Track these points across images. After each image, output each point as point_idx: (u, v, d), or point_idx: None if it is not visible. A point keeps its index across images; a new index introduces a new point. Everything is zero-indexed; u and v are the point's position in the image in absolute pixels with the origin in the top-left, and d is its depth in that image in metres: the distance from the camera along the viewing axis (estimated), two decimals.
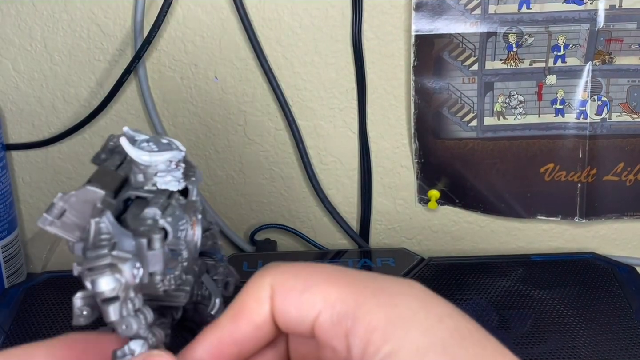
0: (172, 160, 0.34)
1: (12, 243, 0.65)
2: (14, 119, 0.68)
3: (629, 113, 0.66)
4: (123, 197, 0.34)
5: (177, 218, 0.33)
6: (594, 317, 0.57)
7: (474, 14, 0.63)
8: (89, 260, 0.30)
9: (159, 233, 0.31)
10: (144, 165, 0.34)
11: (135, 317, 0.31)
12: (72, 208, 0.32)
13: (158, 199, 0.33)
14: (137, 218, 0.32)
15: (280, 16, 0.65)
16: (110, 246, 0.30)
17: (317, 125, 0.68)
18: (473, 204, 0.69)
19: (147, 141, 0.34)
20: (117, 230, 0.31)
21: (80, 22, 0.65)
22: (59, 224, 0.31)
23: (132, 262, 0.30)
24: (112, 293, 0.29)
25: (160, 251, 0.31)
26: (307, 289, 0.29)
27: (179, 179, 0.34)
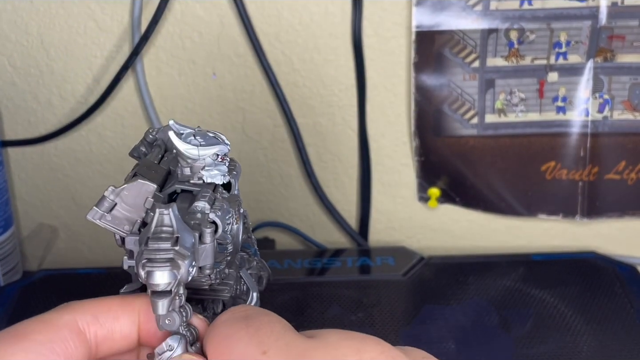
0: (219, 154, 0.34)
1: (8, 241, 0.64)
2: (10, 115, 0.68)
3: (631, 111, 0.65)
4: (169, 191, 0.34)
5: (225, 212, 0.33)
6: (595, 317, 0.57)
7: (475, 10, 0.63)
8: (149, 251, 0.29)
9: (210, 227, 0.31)
10: (192, 159, 0.34)
11: (179, 313, 0.31)
12: (123, 201, 0.32)
13: (205, 193, 0.33)
14: (186, 212, 0.32)
15: (279, 12, 0.64)
16: (173, 240, 0.30)
17: (316, 123, 0.68)
18: (473, 202, 0.68)
19: (194, 135, 0.35)
20: (179, 225, 0.30)
21: (77, 18, 0.65)
22: (109, 217, 0.31)
23: (190, 260, 0.30)
24: (166, 287, 0.29)
25: (212, 245, 0.31)
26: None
27: (224, 172, 0.35)
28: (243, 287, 0.38)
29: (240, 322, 0.30)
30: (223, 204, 0.33)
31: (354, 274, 0.63)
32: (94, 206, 0.31)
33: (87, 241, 0.72)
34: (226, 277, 0.35)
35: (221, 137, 0.35)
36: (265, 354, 0.28)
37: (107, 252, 0.70)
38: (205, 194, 0.33)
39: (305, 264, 0.64)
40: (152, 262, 0.29)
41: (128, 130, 0.68)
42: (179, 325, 0.31)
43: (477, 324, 0.56)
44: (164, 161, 0.35)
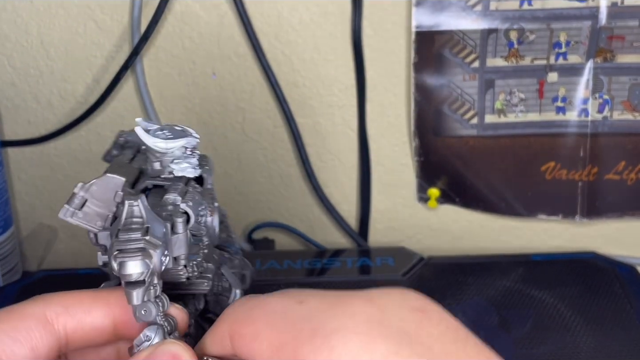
0: (187, 146, 0.34)
1: (8, 241, 0.64)
2: (9, 115, 0.68)
3: (631, 111, 0.65)
4: (141, 187, 0.34)
5: (197, 203, 0.33)
6: (595, 317, 0.57)
7: (475, 10, 0.63)
8: (120, 242, 0.29)
9: (182, 217, 0.31)
10: (160, 153, 0.34)
11: (155, 303, 0.31)
12: (93, 197, 0.32)
13: (176, 186, 0.33)
14: (158, 205, 0.32)
15: (279, 12, 0.64)
16: (143, 230, 0.30)
17: (316, 123, 0.68)
18: (473, 202, 0.68)
19: (162, 129, 0.35)
20: (149, 216, 0.30)
21: (76, 18, 0.64)
22: (80, 214, 0.32)
23: (162, 249, 0.30)
24: (139, 277, 0.29)
25: (184, 235, 0.31)
26: (255, 337, 0.29)
27: (194, 165, 0.34)
28: (225, 284, 0.38)
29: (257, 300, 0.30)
30: (195, 195, 0.33)
31: (354, 275, 0.63)
32: (65, 204, 0.31)
33: (87, 241, 0.71)
34: (205, 271, 0.35)
35: (189, 131, 0.35)
36: (301, 303, 0.29)
37: None
38: (176, 187, 0.33)
39: (305, 264, 0.64)
40: (124, 253, 0.29)
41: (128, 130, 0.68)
42: (156, 316, 0.31)
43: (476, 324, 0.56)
44: (136, 160, 0.36)
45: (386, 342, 0.27)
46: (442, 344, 0.27)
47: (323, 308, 0.28)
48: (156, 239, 0.30)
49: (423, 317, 0.28)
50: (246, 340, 0.29)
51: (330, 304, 0.28)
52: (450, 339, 0.28)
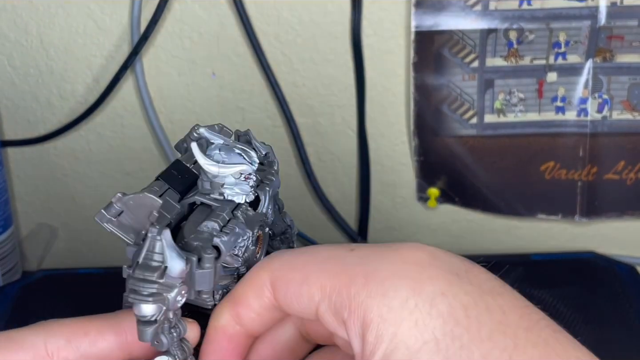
0: (242, 173, 0.33)
1: (7, 241, 0.64)
2: (9, 115, 0.68)
3: (630, 111, 0.65)
4: (189, 201, 0.33)
5: (237, 235, 0.32)
6: (594, 317, 0.57)
7: (475, 10, 0.63)
8: (134, 282, 0.29)
9: (211, 253, 0.31)
10: (212, 175, 0.33)
11: (168, 335, 0.30)
12: (129, 210, 0.31)
13: (222, 211, 0.32)
14: (195, 229, 0.32)
15: (278, 12, 0.64)
16: (160, 272, 0.29)
17: (316, 123, 0.68)
18: (473, 202, 0.68)
19: (220, 149, 0.34)
20: (171, 252, 0.30)
21: (76, 18, 0.64)
22: (116, 222, 0.31)
23: (178, 290, 0.29)
24: (151, 318, 0.29)
25: (210, 271, 0.31)
26: (304, 280, 0.29)
27: (247, 192, 0.34)
28: None
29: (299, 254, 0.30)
30: (236, 226, 0.32)
31: None
32: (102, 209, 0.31)
33: (87, 241, 0.72)
34: None
35: (249, 155, 0.34)
36: (352, 250, 0.29)
37: (107, 252, 0.70)
38: (219, 213, 0.32)
39: None
40: (137, 294, 0.29)
41: (127, 130, 0.68)
42: (169, 346, 0.30)
43: None
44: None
45: (434, 283, 0.27)
46: (490, 284, 0.28)
47: (375, 254, 0.29)
48: (173, 279, 0.29)
49: (471, 265, 0.29)
50: (293, 285, 0.29)
51: (382, 251, 0.29)
52: (498, 282, 0.29)
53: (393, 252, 0.29)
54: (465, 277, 0.28)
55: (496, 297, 0.27)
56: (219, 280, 0.32)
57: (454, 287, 0.27)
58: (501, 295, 0.28)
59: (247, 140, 0.38)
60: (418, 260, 0.28)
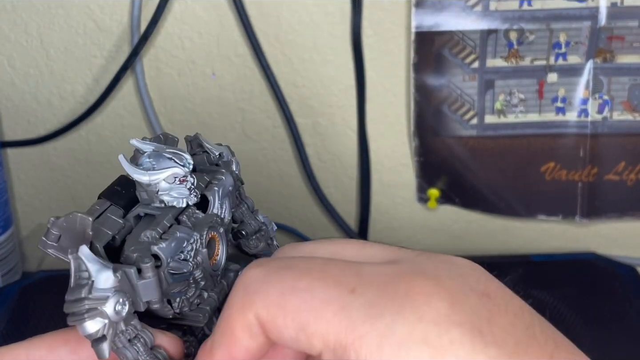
0: (175, 176, 0.32)
1: (7, 241, 0.64)
2: (9, 115, 0.67)
3: (630, 112, 0.65)
4: (133, 214, 0.33)
5: (180, 240, 0.31)
6: (595, 317, 0.57)
7: (475, 10, 0.63)
8: (68, 305, 0.29)
9: (149, 262, 0.30)
10: (145, 184, 0.32)
11: (130, 348, 0.30)
12: (66, 232, 0.31)
13: (163, 218, 0.32)
14: (136, 240, 0.31)
15: (278, 12, 0.64)
16: (88, 288, 0.29)
17: (316, 123, 0.67)
18: (473, 202, 0.68)
19: (149, 156, 0.33)
20: (93, 264, 0.29)
21: (76, 18, 0.64)
22: (57, 247, 0.31)
23: (114, 299, 0.29)
24: (98, 335, 0.29)
25: (152, 281, 0.30)
26: (300, 329, 0.26)
27: (184, 195, 0.33)
28: None
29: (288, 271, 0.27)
30: (177, 231, 0.32)
31: None
32: (43, 236, 0.31)
33: None
34: (203, 302, 0.33)
35: (181, 157, 0.33)
36: (354, 292, 0.25)
37: None
38: (159, 221, 0.32)
39: None
40: (74, 316, 0.29)
41: (127, 130, 0.68)
42: (136, 358, 0.30)
43: None
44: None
45: (456, 350, 0.24)
46: (514, 337, 0.25)
47: (384, 304, 0.25)
48: (103, 290, 0.29)
49: (491, 304, 0.25)
50: (288, 332, 0.26)
51: (391, 298, 0.25)
52: (521, 328, 0.25)
53: (405, 301, 0.25)
54: (488, 334, 0.25)
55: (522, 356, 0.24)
56: (170, 288, 0.31)
57: (479, 355, 0.24)
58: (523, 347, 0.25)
59: (199, 143, 0.37)
60: (436, 317, 0.24)
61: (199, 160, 0.36)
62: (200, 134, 0.37)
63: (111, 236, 0.31)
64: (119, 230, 0.32)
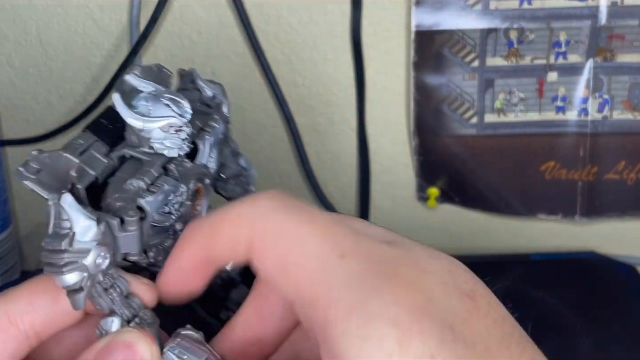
0: (171, 125, 0.31)
1: (6, 240, 0.64)
2: (8, 114, 0.67)
3: (631, 111, 0.65)
4: (119, 154, 0.31)
5: (166, 193, 0.30)
6: (595, 317, 0.57)
7: (475, 9, 0.63)
8: (46, 254, 0.28)
9: (134, 216, 0.29)
10: (137, 128, 0.31)
11: (105, 297, 0.29)
12: (47, 169, 0.29)
13: (150, 166, 0.30)
14: (121, 187, 0.30)
15: (278, 12, 0.64)
16: (68, 239, 0.27)
17: (315, 122, 0.67)
18: (473, 202, 0.68)
19: (146, 99, 0.31)
20: (77, 215, 0.28)
21: (75, 17, 0.64)
22: (35, 179, 0.29)
23: (95, 252, 0.28)
24: (75, 286, 0.28)
25: (135, 234, 0.29)
26: (281, 270, 0.26)
27: (179, 145, 0.31)
28: None
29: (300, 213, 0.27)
30: (165, 183, 0.30)
31: None
32: (20, 166, 0.29)
33: None
34: None
35: (179, 105, 0.31)
36: (343, 257, 0.25)
37: None
38: (147, 169, 0.30)
39: None
40: (51, 267, 0.27)
41: None
42: (110, 307, 0.29)
43: None
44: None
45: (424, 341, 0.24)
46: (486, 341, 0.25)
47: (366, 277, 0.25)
48: (85, 243, 0.27)
49: (472, 306, 0.25)
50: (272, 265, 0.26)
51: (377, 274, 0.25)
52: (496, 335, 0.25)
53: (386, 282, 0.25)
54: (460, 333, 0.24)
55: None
56: (148, 239, 0.30)
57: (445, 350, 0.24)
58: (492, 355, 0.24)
59: (192, 79, 0.35)
60: (412, 305, 0.24)
61: (189, 97, 0.33)
62: (196, 69, 0.34)
63: (94, 177, 0.30)
64: (102, 170, 0.30)
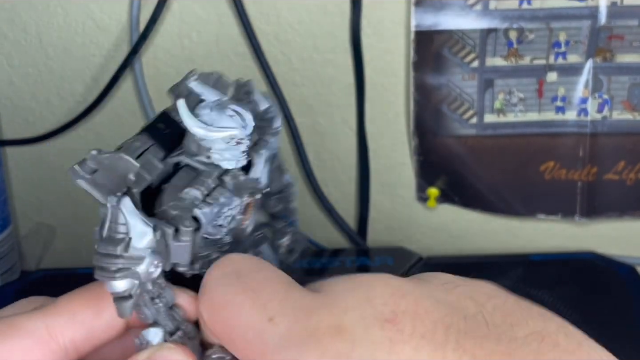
0: (233, 137, 0.30)
1: (6, 240, 0.64)
2: (8, 114, 0.67)
3: (630, 111, 0.65)
4: (174, 161, 0.30)
5: (221, 205, 0.30)
6: (594, 317, 0.57)
7: (475, 9, 0.63)
8: (99, 258, 0.27)
9: (190, 226, 0.28)
10: (199, 137, 0.30)
11: (151, 306, 0.29)
12: (104, 169, 0.29)
13: (208, 177, 0.30)
14: (176, 195, 0.29)
15: (278, 11, 0.64)
16: (123, 245, 0.27)
17: (315, 122, 0.67)
18: (472, 202, 0.68)
19: (211, 109, 0.30)
20: (134, 221, 0.27)
21: (75, 17, 0.64)
22: (90, 180, 0.29)
23: (148, 261, 0.28)
24: (125, 293, 0.28)
25: (188, 244, 0.28)
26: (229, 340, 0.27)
27: (237, 158, 0.31)
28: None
29: (234, 282, 0.28)
30: (221, 195, 0.30)
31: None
32: (75, 164, 0.28)
33: (86, 241, 0.72)
34: None
35: (243, 118, 0.30)
36: (271, 321, 0.26)
37: None
38: (204, 179, 0.29)
39: (304, 264, 0.64)
40: (103, 272, 0.27)
41: (126, 129, 0.67)
42: (155, 318, 0.29)
43: None
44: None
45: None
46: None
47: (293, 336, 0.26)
48: (140, 250, 0.27)
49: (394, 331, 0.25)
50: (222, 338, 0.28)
51: (300, 331, 0.26)
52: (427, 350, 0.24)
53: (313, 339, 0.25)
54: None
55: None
56: (198, 251, 0.29)
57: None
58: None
59: (248, 91, 0.34)
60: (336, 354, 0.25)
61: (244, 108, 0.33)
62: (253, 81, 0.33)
63: (150, 182, 0.29)
64: (158, 175, 0.30)
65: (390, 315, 0.25)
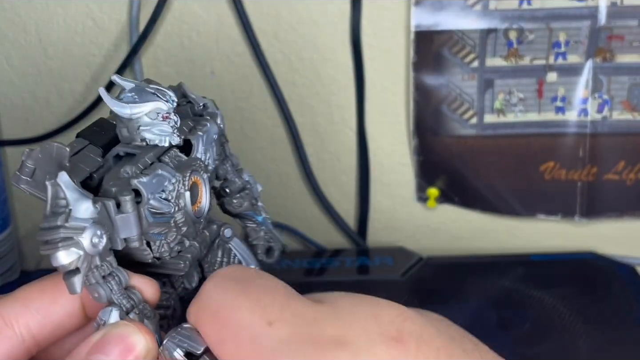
0: (158, 112, 0.31)
1: (6, 240, 0.64)
2: (7, 114, 0.67)
3: (630, 111, 0.65)
4: (113, 154, 0.31)
5: (162, 177, 0.30)
6: (594, 317, 0.57)
7: (475, 10, 0.63)
8: (43, 233, 0.28)
9: (129, 195, 0.29)
10: (126, 119, 0.31)
11: (104, 285, 0.29)
12: (41, 165, 0.29)
13: (143, 155, 0.30)
14: (116, 176, 0.30)
15: (278, 11, 0.64)
16: (65, 216, 0.27)
17: (315, 122, 0.67)
18: (472, 202, 0.68)
19: (132, 90, 0.32)
20: (71, 192, 0.28)
21: (75, 17, 0.64)
22: (32, 182, 0.29)
23: (91, 231, 0.28)
24: (71, 266, 0.28)
25: (130, 215, 0.29)
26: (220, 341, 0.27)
27: (167, 133, 0.31)
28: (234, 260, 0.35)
29: (236, 287, 0.28)
30: (159, 168, 0.30)
31: (353, 274, 0.63)
32: (16, 171, 0.29)
33: None
34: (184, 250, 0.32)
35: (163, 93, 0.31)
36: (271, 325, 0.26)
37: None
38: (140, 157, 0.30)
39: (304, 264, 0.64)
40: (48, 245, 0.28)
41: None
42: (108, 296, 0.29)
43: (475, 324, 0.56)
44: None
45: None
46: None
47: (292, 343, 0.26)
48: (81, 220, 0.28)
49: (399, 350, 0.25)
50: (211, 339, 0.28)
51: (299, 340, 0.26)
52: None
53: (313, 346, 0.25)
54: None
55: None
56: (150, 228, 0.30)
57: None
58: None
59: (182, 93, 0.35)
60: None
61: (182, 112, 0.34)
62: (184, 83, 0.35)
63: (88, 172, 0.30)
64: (97, 169, 0.30)
65: (397, 334, 0.25)
